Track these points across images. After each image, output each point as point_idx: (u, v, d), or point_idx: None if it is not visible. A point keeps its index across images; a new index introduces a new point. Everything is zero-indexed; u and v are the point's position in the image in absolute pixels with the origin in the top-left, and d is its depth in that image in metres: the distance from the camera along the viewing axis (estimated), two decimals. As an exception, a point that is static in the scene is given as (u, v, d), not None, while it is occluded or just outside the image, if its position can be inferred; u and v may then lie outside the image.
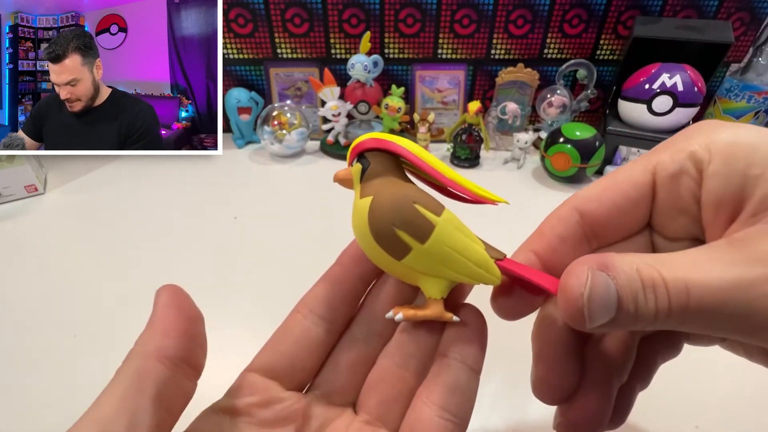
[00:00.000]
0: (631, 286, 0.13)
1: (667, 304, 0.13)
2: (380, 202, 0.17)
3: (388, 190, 0.17)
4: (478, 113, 0.61)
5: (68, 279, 0.43)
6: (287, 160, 0.65)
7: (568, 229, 0.17)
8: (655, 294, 0.13)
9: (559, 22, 0.64)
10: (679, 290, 0.13)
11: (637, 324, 0.14)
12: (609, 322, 0.14)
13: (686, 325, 0.13)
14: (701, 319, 0.13)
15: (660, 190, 0.16)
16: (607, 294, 0.13)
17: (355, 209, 0.18)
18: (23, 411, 0.31)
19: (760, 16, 0.62)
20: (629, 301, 0.13)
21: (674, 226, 0.16)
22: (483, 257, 0.17)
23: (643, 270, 0.13)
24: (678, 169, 0.15)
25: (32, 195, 0.55)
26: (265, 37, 0.65)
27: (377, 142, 0.18)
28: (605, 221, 0.17)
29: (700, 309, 0.13)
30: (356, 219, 0.18)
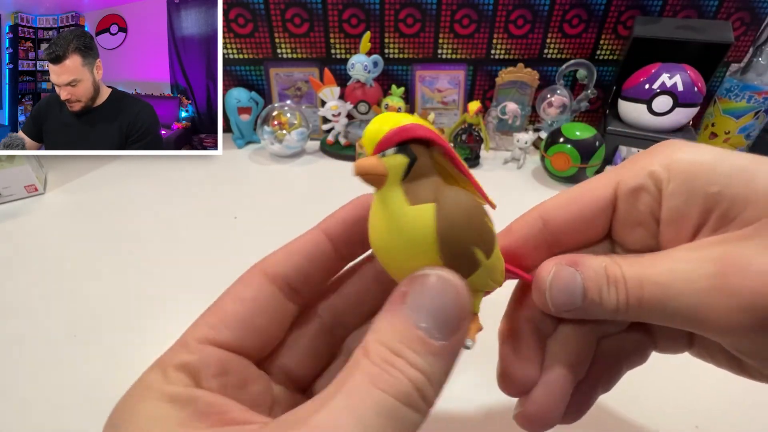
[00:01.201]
0: (597, 279, 0.16)
1: (625, 297, 0.15)
2: (453, 212, 0.14)
3: (455, 195, 0.15)
4: (478, 113, 0.61)
5: (68, 279, 0.42)
6: (287, 160, 0.65)
7: (531, 232, 0.19)
8: (616, 288, 0.16)
9: (559, 22, 0.64)
10: (635, 285, 0.15)
11: (603, 313, 0.16)
12: (577, 309, 0.17)
13: (644, 317, 0.16)
14: (654, 311, 0.15)
15: (620, 204, 0.17)
16: (572, 283, 0.16)
17: (397, 218, 0.14)
18: (23, 411, 0.31)
19: (760, 16, 0.62)
20: (595, 292, 0.16)
21: (632, 238, 0.18)
22: (503, 262, 0.17)
23: (608, 267, 0.16)
24: (638, 186, 0.17)
25: (32, 195, 0.55)
26: (265, 37, 0.65)
27: (428, 133, 0.14)
28: (567, 230, 0.18)
29: (651, 301, 0.15)
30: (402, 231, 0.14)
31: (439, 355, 0.13)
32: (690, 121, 0.58)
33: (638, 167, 0.17)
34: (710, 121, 0.63)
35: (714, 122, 0.62)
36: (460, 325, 0.14)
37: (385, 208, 0.14)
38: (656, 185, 0.16)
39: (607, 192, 0.17)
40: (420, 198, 0.14)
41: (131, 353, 0.32)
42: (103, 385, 0.32)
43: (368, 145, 0.15)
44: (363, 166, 0.14)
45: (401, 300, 0.14)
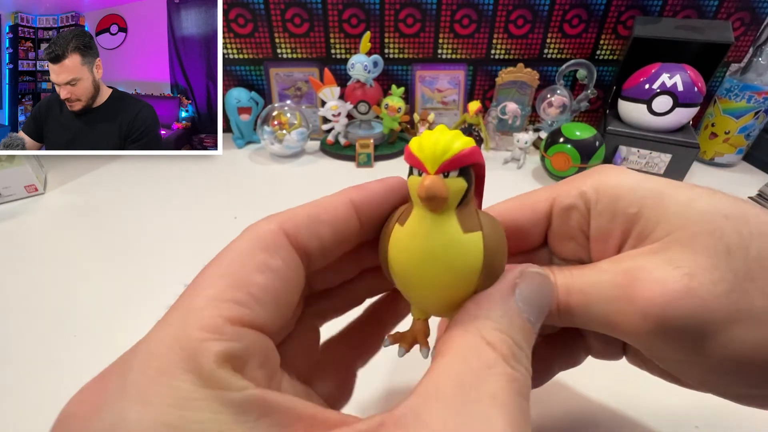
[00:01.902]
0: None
1: (555, 302, 0.17)
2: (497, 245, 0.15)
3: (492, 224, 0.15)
4: (478, 113, 0.61)
5: (68, 279, 0.42)
6: (287, 160, 0.65)
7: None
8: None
9: (559, 22, 0.64)
10: (563, 293, 0.17)
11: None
12: None
13: (571, 321, 0.17)
14: (578, 316, 0.17)
15: (555, 219, 0.19)
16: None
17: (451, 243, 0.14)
18: (23, 411, 0.31)
19: (760, 16, 0.62)
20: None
21: (565, 249, 0.19)
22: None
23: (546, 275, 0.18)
24: (570, 204, 0.18)
25: (32, 195, 0.55)
26: (265, 37, 0.65)
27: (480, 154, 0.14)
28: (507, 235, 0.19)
29: (576, 307, 0.17)
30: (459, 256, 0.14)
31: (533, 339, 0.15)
32: (690, 121, 0.58)
33: (572, 187, 0.18)
34: (710, 121, 0.63)
35: (714, 122, 0.62)
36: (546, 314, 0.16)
37: (437, 234, 0.14)
38: (585, 205, 0.18)
39: (544, 206, 0.19)
40: (471, 226, 0.14)
41: (131, 353, 0.32)
42: (103, 385, 0.32)
43: (429, 159, 0.14)
44: (433, 189, 0.13)
45: (512, 290, 0.15)
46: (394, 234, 0.16)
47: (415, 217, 0.15)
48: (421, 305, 0.18)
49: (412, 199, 0.15)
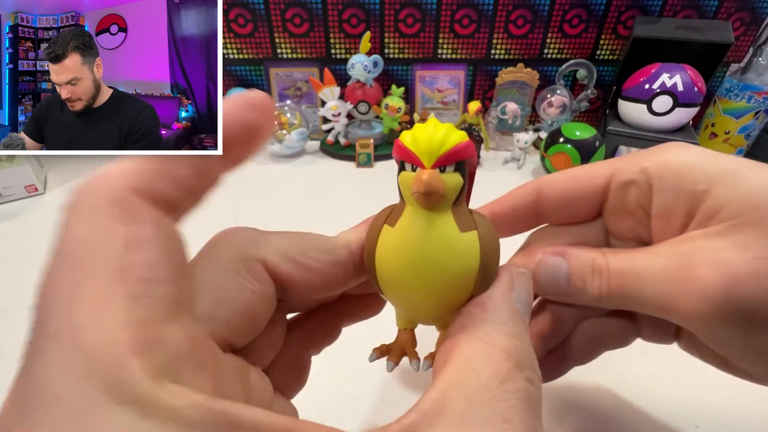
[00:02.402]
0: (581, 268, 0.18)
1: (607, 285, 0.17)
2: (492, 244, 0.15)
3: (486, 224, 0.15)
4: (478, 113, 0.61)
5: (68, 279, 0.43)
6: (287, 160, 0.65)
7: (523, 201, 0.20)
8: (600, 276, 0.17)
9: (559, 22, 0.64)
10: (617, 275, 0.17)
11: (586, 299, 0.18)
12: (562, 293, 0.18)
13: (623, 304, 0.17)
14: (631, 299, 0.16)
15: (612, 194, 0.18)
16: (557, 269, 0.18)
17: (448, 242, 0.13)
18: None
19: (760, 16, 0.62)
20: (578, 279, 0.18)
21: (621, 226, 0.19)
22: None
23: (596, 258, 0.18)
24: (630, 179, 0.18)
25: (32, 195, 0.55)
26: (265, 37, 0.65)
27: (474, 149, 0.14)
28: (556, 206, 0.20)
29: (629, 289, 0.16)
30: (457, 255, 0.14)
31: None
32: (690, 121, 0.58)
33: (632, 162, 0.18)
34: (710, 121, 0.63)
35: (714, 122, 0.62)
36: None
37: (434, 232, 0.13)
38: (647, 181, 0.17)
39: (601, 180, 0.19)
40: (467, 225, 0.14)
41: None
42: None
43: (425, 153, 0.13)
44: (433, 184, 0.12)
45: (510, 291, 0.15)
46: (383, 236, 0.14)
47: (407, 217, 0.14)
48: (411, 313, 0.16)
49: (404, 197, 0.14)
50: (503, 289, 0.15)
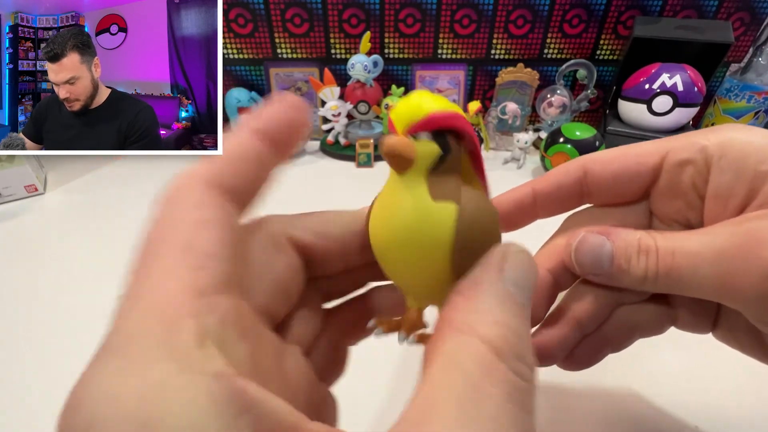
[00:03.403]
0: (626, 248, 0.17)
1: (654, 265, 0.16)
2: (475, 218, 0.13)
3: (476, 200, 0.13)
4: (478, 113, 0.61)
5: (68, 279, 0.42)
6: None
7: (568, 180, 0.19)
8: (647, 256, 0.16)
9: (559, 22, 0.64)
10: (667, 254, 0.16)
11: (630, 281, 0.17)
12: (604, 274, 0.18)
13: (672, 286, 0.16)
14: (683, 280, 0.16)
15: (665, 174, 0.18)
16: (600, 248, 0.17)
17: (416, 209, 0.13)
18: (23, 411, 0.31)
19: (760, 16, 0.62)
20: (623, 259, 0.17)
21: (670, 208, 0.18)
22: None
23: (642, 238, 0.17)
24: (687, 159, 0.17)
25: (32, 195, 0.55)
26: (265, 37, 0.65)
27: (468, 125, 0.13)
28: (603, 185, 0.19)
29: (681, 270, 0.16)
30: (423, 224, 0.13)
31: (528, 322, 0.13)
32: (690, 121, 0.58)
33: (689, 141, 0.17)
34: (710, 121, 0.63)
35: (714, 122, 0.62)
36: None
37: (403, 198, 0.13)
38: (706, 160, 0.17)
39: (653, 159, 0.18)
40: (444, 195, 0.13)
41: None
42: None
43: (399, 120, 0.13)
44: (394, 145, 0.13)
45: (499, 273, 0.13)
46: (374, 204, 0.15)
47: (387, 184, 0.14)
48: (401, 288, 0.16)
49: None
50: (491, 271, 0.13)
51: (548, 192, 0.20)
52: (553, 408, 0.30)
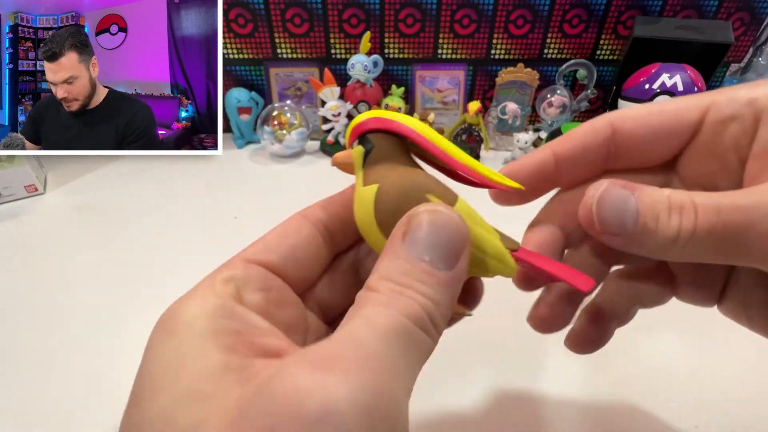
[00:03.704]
0: (654, 205, 0.14)
1: (692, 224, 0.14)
2: (388, 192, 0.15)
3: (396, 177, 0.16)
4: (478, 113, 0.61)
5: (68, 279, 0.42)
6: (287, 160, 0.65)
7: (595, 140, 0.17)
8: (681, 214, 0.14)
9: (559, 22, 0.64)
10: (709, 211, 0.14)
11: (655, 243, 0.14)
12: (626, 235, 0.15)
13: (710, 247, 0.14)
14: (730, 240, 0.13)
15: (704, 131, 0.16)
16: (623, 203, 0.15)
17: (357, 198, 0.16)
18: (23, 411, 0.31)
19: (760, 16, 0.62)
20: (649, 217, 0.14)
21: (698, 171, 0.17)
22: (497, 249, 0.16)
23: (674, 196, 0.14)
24: (732, 114, 0.15)
25: (32, 195, 0.55)
26: (265, 37, 0.65)
27: (380, 122, 0.16)
28: (635, 145, 0.17)
29: (729, 227, 0.13)
30: (359, 208, 0.16)
31: (444, 284, 0.13)
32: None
33: (735, 96, 0.16)
34: (710, 121, 0.63)
35: (714, 122, 0.62)
36: (461, 253, 0.14)
37: (354, 190, 0.17)
38: (754, 115, 0.15)
39: (693, 115, 0.16)
40: (370, 180, 0.16)
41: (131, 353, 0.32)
42: (103, 385, 0.32)
43: (346, 139, 0.18)
44: (335, 157, 0.18)
45: (401, 239, 0.14)
46: None
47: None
48: None
49: None
50: (392, 238, 0.14)
51: (571, 155, 0.18)
52: (554, 408, 0.30)
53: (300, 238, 0.17)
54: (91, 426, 0.29)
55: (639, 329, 0.35)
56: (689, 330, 0.35)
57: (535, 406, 0.30)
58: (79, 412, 0.30)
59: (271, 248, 0.16)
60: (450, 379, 0.31)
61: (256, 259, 0.16)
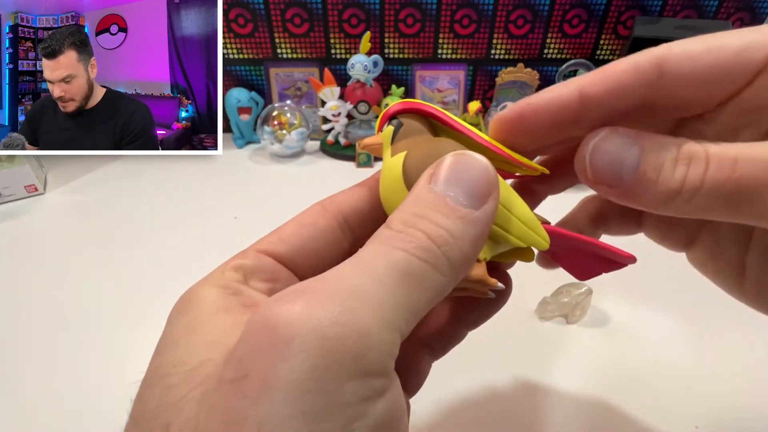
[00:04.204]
0: (659, 154, 0.13)
1: (700, 176, 0.12)
2: (416, 155, 0.16)
3: (424, 144, 0.16)
4: (478, 113, 0.61)
5: (68, 279, 0.42)
6: (287, 160, 0.65)
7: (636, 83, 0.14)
8: (688, 166, 0.12)
9: (559, 22, 0.64)
10: (723, 162, 0.12)
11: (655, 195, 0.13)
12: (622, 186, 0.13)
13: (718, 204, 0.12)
14: (740, 197, 0.12)
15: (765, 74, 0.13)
16: (624, 150, 0.13)
17: (385, 169, 0.16)
18: (23, 411, 0.31)
19: (760, 16, 0.62)
20: (651, 166, 0.13)
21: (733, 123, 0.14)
22: (530, 216, 0.16)
23: (685, 144, 0.13)
24: None
25: (32, 195, 0.55)
26: (265, 37, 0.65)
27: (409, 104, 0.17)
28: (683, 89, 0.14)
29: (742, 182, 0.12)
30: (387, 177, 0.16)
31: (467, 220, 0.12)
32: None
33: None
34: (710, 121, 0.63)
35: (714, 122, 0.62)
36: (489, 194, 0.13)
37: (382, 165, 0.17)
38: None
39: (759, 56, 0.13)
40: (399, 151, 0.16)
41: (131, 353, 0.32)
42: (103, 384, 0.32)
43: (377, 125, 0.18)
44: (364, 141, 0.18)
45: (427, 180, 0.13)
46: None
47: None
48: None
49: None
50: (418, 182, 0.14)
51: (603, 99, 0.14)
52: (554, 408, 0.30)
53: (316, 230, 0.17)
54: (92, 425, 0.29)
55: (639, 329, 0.35)
56: (689, 330, 0.35)
57: (535, 405, 0.30)
58: (80, 410, 0.30)
59: (285, 239, 0.17)
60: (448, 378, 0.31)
61: (267, 251, 0.16)
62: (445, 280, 0.12)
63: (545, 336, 0.35)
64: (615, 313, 0.37)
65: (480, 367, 0.33)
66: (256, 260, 0.16)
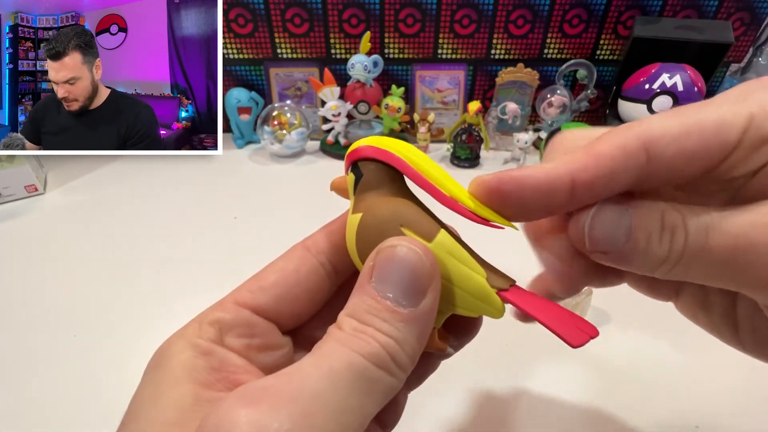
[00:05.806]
0: (648, 223, 0.14)
1: (681, 246, 0.13)
2: (367, 223, 0.15)
3: (379, 207, 0.16)
4: (478, 113, 0.61)
5: (68, 279, 0.42)
6: (287, 160, 0.65)
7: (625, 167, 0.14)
8: (672, 235, 0.13)
9: (559, 22, 0.64)
10: (698, 232, 0.13)
11: (644, 262, 0.14)
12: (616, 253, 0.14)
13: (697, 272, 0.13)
14: (715, 264, 0.13)
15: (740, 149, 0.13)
16: (618, 220, 0.14)
17: (347, 225, 0.16)
18: (23, 411, 0.31)
19: (760, 16, 0.62)
20: (642, 236, 0.14)
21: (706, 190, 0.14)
22: (481, 288, 0.15)
23: (666, 212, 0.14)
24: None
25: (32, 195, 0.55)
26: (265, 37, 0.65)
27: (372, 151, 0.16)
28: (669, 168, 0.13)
29: (715, 251, 0.13)
30: (348, 236, 0.16)
31: (408, 321, 0.13)
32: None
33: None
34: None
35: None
36: (427, 287, 0.14)
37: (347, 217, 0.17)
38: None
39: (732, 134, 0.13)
40: (358, 208, 0.16)
41: (131, 353, 0.32)
42: (103, 384, 0.32)
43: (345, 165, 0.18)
44: (333, 182, 0.18)
45: (369, 276, 0.14)
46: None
47: None
48: None
49: None
50: (362, 273, 0.14)
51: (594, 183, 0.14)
52: (554, 408, 0.30)
53: (299, 277, 0.17)
54: (91, 425, 0.29)
55: (639, 330, 0.35)
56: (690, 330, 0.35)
57: (535, 406, 0.30)
58: (79, 410, 0.30)
59: (267, 289, 0.17)
60: (445, 381, 0.31)
61: (246, 303, 0.16)
62: (396, 381, 0.13)
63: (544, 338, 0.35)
64: (615, 313, 0.37)
65: (477, 369, 0.33)
66: (234, 313, 0.16)
